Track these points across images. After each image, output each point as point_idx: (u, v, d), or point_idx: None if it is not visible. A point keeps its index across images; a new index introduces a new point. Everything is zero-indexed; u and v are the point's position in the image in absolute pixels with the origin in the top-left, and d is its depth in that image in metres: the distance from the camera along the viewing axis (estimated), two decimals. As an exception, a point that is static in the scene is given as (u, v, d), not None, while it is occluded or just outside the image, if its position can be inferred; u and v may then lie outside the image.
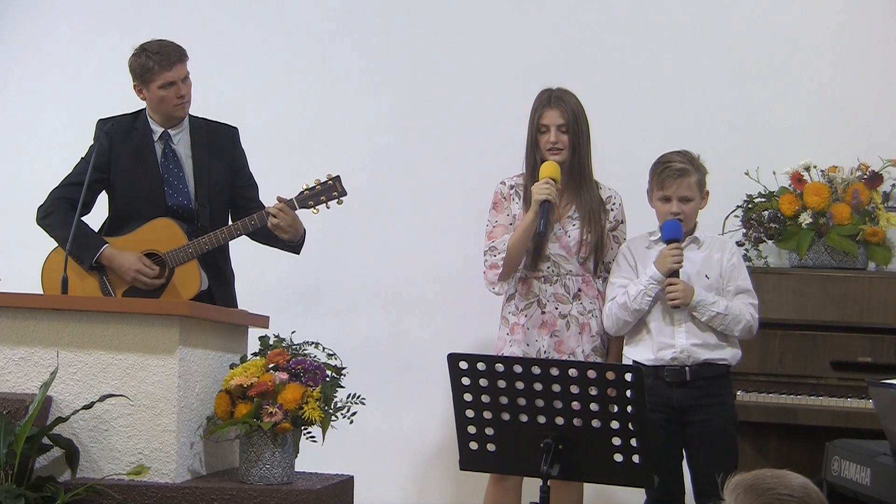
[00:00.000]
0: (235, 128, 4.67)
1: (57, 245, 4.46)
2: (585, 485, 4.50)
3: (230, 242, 4.56)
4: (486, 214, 4.56)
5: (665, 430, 4.17)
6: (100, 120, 4.59)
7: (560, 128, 4.36)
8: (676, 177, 4.21)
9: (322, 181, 4.45)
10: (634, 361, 4.25)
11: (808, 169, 5.02)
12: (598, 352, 4.43)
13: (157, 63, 4.42)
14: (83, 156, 4.57)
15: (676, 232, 4.17)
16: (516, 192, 4.47)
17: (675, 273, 4.16)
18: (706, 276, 4.23)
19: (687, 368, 4.17)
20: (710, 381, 4.18)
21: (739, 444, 4.25)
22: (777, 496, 2.29)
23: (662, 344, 4.20)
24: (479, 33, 5.59)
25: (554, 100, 4.38)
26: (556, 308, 4.38)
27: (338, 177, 4.46)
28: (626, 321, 4.26)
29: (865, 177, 4.97)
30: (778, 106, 5.33)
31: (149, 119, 4.55)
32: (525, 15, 5.56)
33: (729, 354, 4.21)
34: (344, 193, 4.46)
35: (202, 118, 4.62)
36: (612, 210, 4.48)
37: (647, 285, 4.19)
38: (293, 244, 4.52)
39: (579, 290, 4.41)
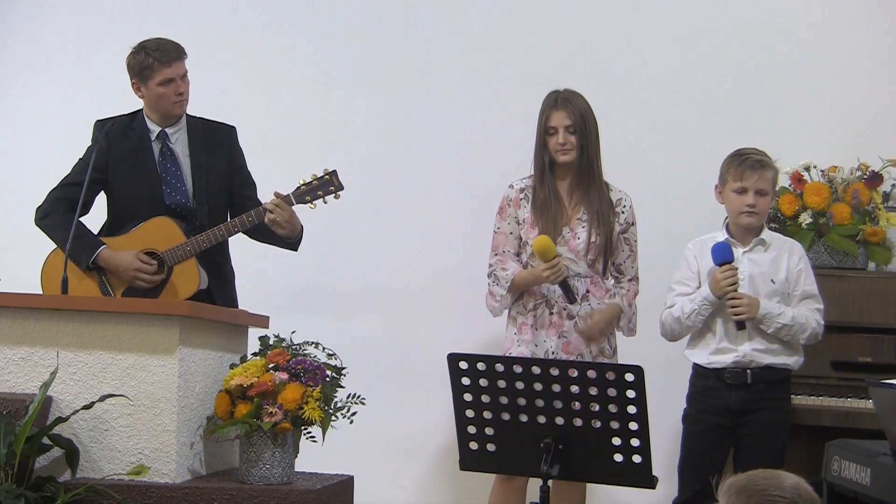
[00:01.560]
0: (233, 127, 4.68)
1: (56, 246, 4.46)
2: (588, 485, 4.51)
3: (230, 241, 4.56)
4: (487, 214, 4.59)
5: (715, 435, 4.20)
6: (97, 121, 4.59)
7: (568, 129, 4.39)
8: (757, 168, 4.22)
9: (319, 176, 4.45)
10: (695, 364, 4.26)
11: (808, 169, 5.02)
12: (606, 353, 4.44)
13: (157, 59, 4.42)
14: (81, 157, 4.57)
15: (727, 254, 4.17)
16: (526, 196, 4.47)
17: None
18: (772, 280, 4.24)
19: (749, 371, 4.18)
20: (770, 385, 4.21)
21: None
22: (768, 497, 2.29)
23: (725, 348, 4.21)
24: (480, 33, 5.59)
25: (561, 101, 4.40)
26: (565, 309, 4.38)
27: (334, 171, 4.46)
28: (680, 333, 4.29)
29: (865, 177, 4.96)
30: (778, 106, 5.34)
31: (146, 119, 4.55)
32: (526, 14, 5.56)
33: (791, 360, 4.25)
34: (341, 188, 4.45)
35: (199, 118, 4.62)
36: (622, 212, 4.48)
37: (700, 305, 4.20)
38: (291, 241, 4.52)
39: (587, 291, 4.43)
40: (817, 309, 4.28)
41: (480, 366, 3.31)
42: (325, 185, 4.44)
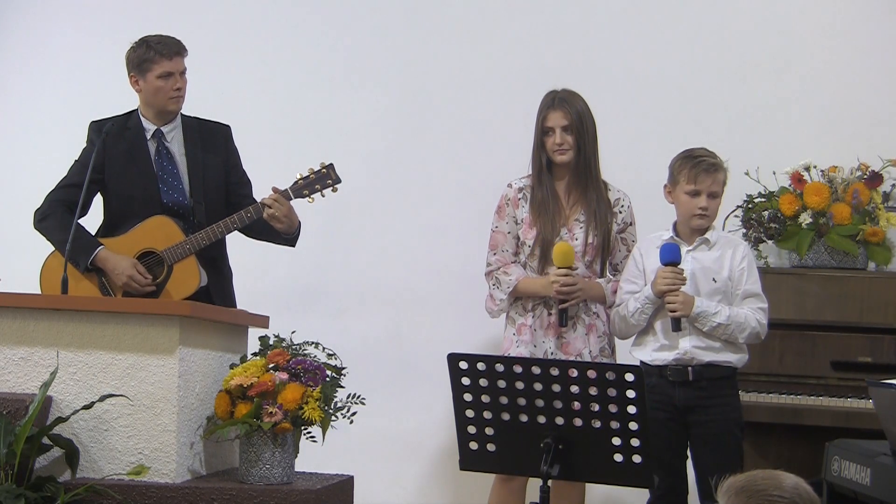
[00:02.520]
0: (228, 125, 4.68)
1: (54, 249, 4.46)
2: (587, 485, 4.51)
3: (227, 240, 4.56)
4: (487, 214, 4.59)
5: (668, 429, 4.17)
6: (92, 122, 4.59)
7: (564, 129, 4.39)
8: (711, 171, 4.21)
9: (315, 170, 4.45)
10: (641, 361, 4.26)
11: (808, 169, 5.02)
12: (605, 353, 4.44)
13: (158, 52, 4.43)
14: (77, 158, 4.57)
15: (674, 255, 4.16)
16: (524, 196, 4.48)
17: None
18: (713, 278, 4.22)
19: (690, 368, 4.17)
20: (714, 382, 4.18)
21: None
22: (767, 497, 2.29)
23: (666, 345, 4.21)
24: (479, 32, 5.59)
25: (558, 101, 4.41)
26: (568, 313, 4.38)
27: (331, 164, 4.46)
28: (628, 331, 4.29)
29: (865, 177, 4.97)
30: (778, 106, 5.34)
31: (141, 118, 4.55)
32: (525, 14, 5.56)
33: (734, 358, 4.21)
34: (338, 181, 4.45)
35: (194, 117, 4.62)
36: (620, 212, 4.48)
37: (643, 304, 4.20)
38: (289, 236, 4.52)
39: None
40: (760, 308, 4.23)
41: (480, 366, 3.31)
42: (323, 179, 4.44)
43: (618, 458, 3.26)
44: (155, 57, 4.44)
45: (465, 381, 3.33)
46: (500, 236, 4.51)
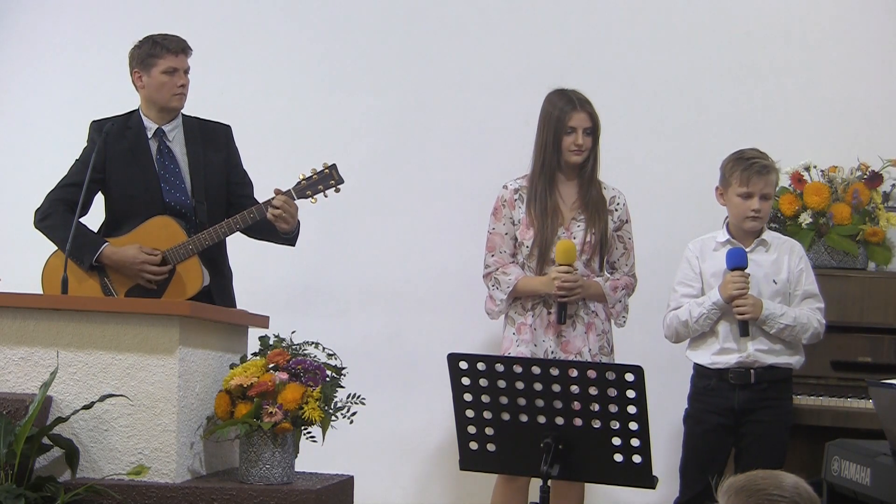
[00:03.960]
0: (229, 125, 4.68)
1: (56, 248, 4.46)
2: (587, 485, 4.51)
3: (227, 240, 4.56)
4: (487, 214, 4.59)
5: (717, 435, 4.21)
6: (93, 121, 4.59)
7: (586, 131, 4.43)
8: (763, 173, 4.23)
9: (318, 170, 4.46)
10: (696, 364, 4.27)
11: (808, 169, 5.02)
12: (605, 351, 4.45)
13: (164, 47, 4.45)
14: (78, 157, 4.57)
15: (741, 260, 4.18)
16: (520, 197, 4.48)
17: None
18: (774, 280, 4.24)
19: (752, 371, 4.18)
20: (773, 385, 4.22)
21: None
22: (767, 496, 2.29)
23: (727, 348, 4.22)
24: (479, 33, 5.59)
25: (581, 103, 4.46)
26: (567, 310, 4.39)
27: (334, 165, 4.46)
28: (686, 336, 4.30)
29: (865, 177, 4.97)
30: (778, 106, 5.34)
31: (142, 117, 4.55)
32: (526, 14, 5.56)
33: (793, 360, 4.27)
34: (341, 181, 4.45)
35: (195, 117, 4.62)
36: (616, 210, 4.50)
37: (709, 310, 4.21)
38: (289, 236, 4.52)
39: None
40: (818, 308, 4.29)
41: (480, 366, 3.31)
42: (326, 180, 4.45)
43: (618, 458, 3.26)
44: (160, 52, 4.44)
45: (465, 381, 3.33)
46: (498, 238, 4.52)
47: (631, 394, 3.22)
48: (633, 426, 3.23)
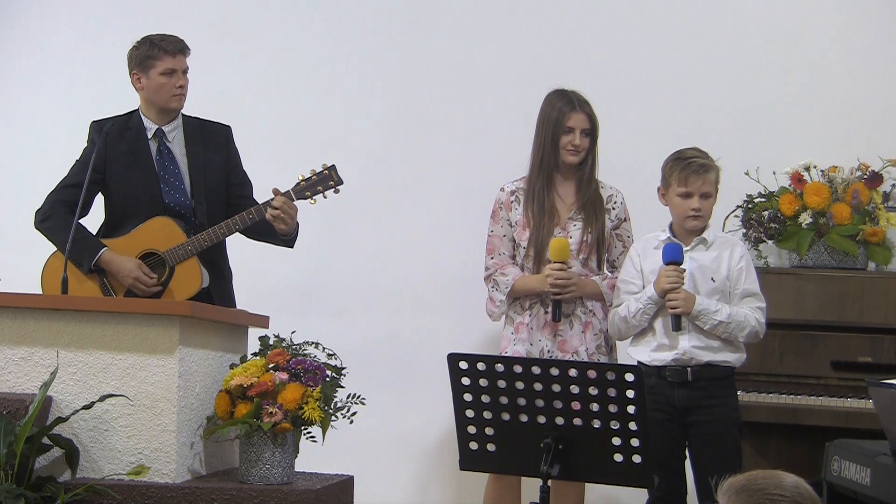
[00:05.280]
0: (229, 126, 4.68)
1: (56, 249, 4.46)
2: (587, 485, 4.51)
3: (227, 241, 4.56)
4: (487, 214, 4.60)
5: (666, 429, 4.17)
6: (93, 122, 4.59)
7: (584, 132, 4.44)
8: (701, 172, 4.20)
9: (317, 171, 4.46)
10: (638, 361, 4.26)
11: (808, 169, 5.02)
12: (602, 350, 4.45)
13: (162, 49, 4.44)
14: (78, 158, 4.57)
15: (676, 255, 4.16)
16: (517, 199, 4.49)
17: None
18: (712, 278, 4.22)
19: (689, 369, 4.17)
20: (713, 383, 4.18)
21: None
22: (768, 496, 2.29)
23: (665, 345, 4.21)
24: (479, 33, 5.59)
25: (581, 104, 4.46)
26: (562, 308, 4.39)
27: (333, 166, 4.46)
28: (627, 332, 4.29)
29: (865, 177, 4.97)
30: (778, 106, 5.33)
31: (142, 117, 4.55)
32: (526, 14, 5.56)
33: (733, 357, 4.21)
34: (340, 182, 4.45)
35: (195, 117, 4.62)
36: (613, 209, 4.51)
37: (645, 304, 4.20)
38: (288, 237, 4.52)
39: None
40: (758, 307, 4.23)
41: (480, 366, 3.31)
42: (325, 180, 4.45)
43: (618, 458, 3.26)
44: (158, 53, 4.44)
45: (465, 381, 3.33)
46: (496, 240, 4.53)
47: (630, 394, 3.22)
48: (633, 426, 3.23)
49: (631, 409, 3.22)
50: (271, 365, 3.99)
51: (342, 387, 4.07)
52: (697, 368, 4.17)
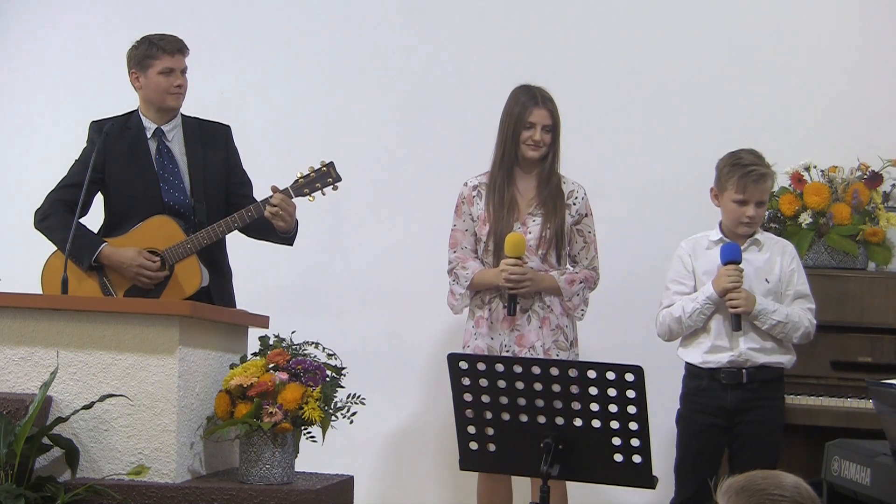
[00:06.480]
0: (228, 125, 4.68)
1: (56, 249, 4.46)
2: (587, 485, 4.50)
3: (227, 240, 4.56)
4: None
5: (710, 436, 4.20)
6: (93, 122, 4.59)
7: (546, 128, 4.47)
8: (760, 182, 4.21)
9: (316, 168, 4.46)
10: (688, 364, 4.27)
11: (808, 169, 5.02)
12: (561, 345, 4.46)
13: (160, 48, 4.46)
14: (77, 158, 4.57)
15: (735, 254, 4.18)
16: (479, 193, 4.53)
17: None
18: (766, 279, 4.24)
19: (744, 371, 4.18)
20: (764, 384, 4.21)
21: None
22: (768, 496, 2.29)
23: (720, 347, 4.21)
24: (478, 34, 5.59)
25: (543, 100, 4.49)
26: (518, 303, 4.41)
27: (331, 163, 4.47)
28: (679, 333, 4.29)
29: (865, 177, 4.96)
30: (778, 106, 5.34)
31: (142, 117, 4.55)
32: (526, 14, 5.56)
33: (785, 359, 4.26)
34: (339, 179, 4.46)
35: (194, 117, 4.62)
36: (574, 204, 4.53)
37: (703, 304, 4.20)
38: (287, 235, 4.52)
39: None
40: (809, 308, 4.28)
41: (480, 366, 3.31)
42: (323, 178, 4.45)
43: (618, 458, 3.26)
44: (157, 53, 4.45)
45: (465, 381, 3.33)
46: (459, 234, 4.58)
47: (631, 394, 3.22)
48: (633, 426, 3.23)
49: (631, 409, 3.22)
50: (271, 365, 4.00)
51: (342, 387, 4.07)
52: (752, 370, 4.18)
